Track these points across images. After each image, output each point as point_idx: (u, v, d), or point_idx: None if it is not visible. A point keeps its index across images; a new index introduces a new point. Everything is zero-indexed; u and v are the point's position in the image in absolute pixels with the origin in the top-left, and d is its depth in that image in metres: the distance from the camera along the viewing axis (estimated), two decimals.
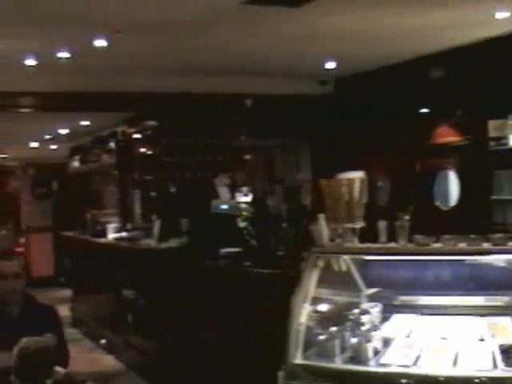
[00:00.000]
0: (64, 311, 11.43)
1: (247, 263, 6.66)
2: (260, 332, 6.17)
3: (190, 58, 8.21)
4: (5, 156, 17.01)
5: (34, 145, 14.85)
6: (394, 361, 4.41)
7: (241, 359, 6.58)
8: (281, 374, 4.80)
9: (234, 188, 9.14)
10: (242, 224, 7.52)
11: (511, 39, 7.91)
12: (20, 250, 17.01)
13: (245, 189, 9.05)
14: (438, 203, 9.35)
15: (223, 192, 8.97)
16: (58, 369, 4.15)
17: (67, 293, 13.70)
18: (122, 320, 9.61)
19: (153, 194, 9.94)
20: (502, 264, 5.01)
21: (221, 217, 8.53)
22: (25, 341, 4.05)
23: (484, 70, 8.48)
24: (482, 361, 4.18)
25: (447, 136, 9.28)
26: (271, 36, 7.33)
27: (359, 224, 5.18)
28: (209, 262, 7.11)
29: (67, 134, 12.92)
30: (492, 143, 8.67)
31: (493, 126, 8.65)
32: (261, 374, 5.99)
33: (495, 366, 4.11)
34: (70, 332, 10.83)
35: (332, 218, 5.27)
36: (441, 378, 4.13)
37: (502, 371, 4.03)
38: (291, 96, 9.67)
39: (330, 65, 8.71)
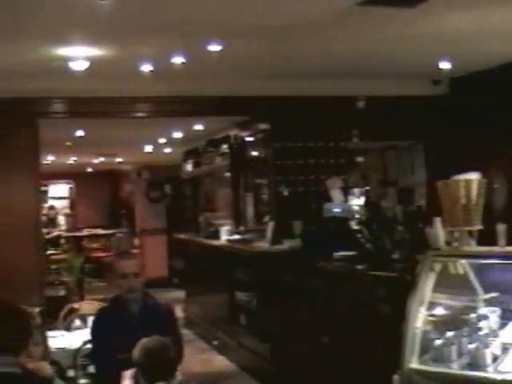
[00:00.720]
0: (177, 312, 11.62)
1: (361, 266, 6.62)
2: (375, 335, 6.12)
3: (303, 60, 8.22)
4: (120, 160, 17.42)
5: (149, 149, 15.16)
6: None
7: (355, 362, 6.55)
8: (396, 378, 4.77)
9: (346, 190, 9.09)
10: (355, 226, 7.47)
11: None
12: (134, 251, 17.35)
13: (358, 191, 8.98)
14: None
15: (336, 194, 8.92)
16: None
17: (180, 294, 13.93)
18: (235, 321, 9.70)
19: (265, 196, 10.00)
20: None
21: (334, 219, 8.50)
22: (149, 340, 4.12)
23: None
24: None
25: None
26: (385, 37, 7.25)
27: (477, 227, 5.08)
28: (322, 264, 7.10)
29: (181, 137, 13.14)
30: None
31: None
32: (375, 378, 5.96)
33: None
34: (183, 333, 10.98)
35: (448, 221, 5.19)
36: None
37: None
38: (404, 97, 9.57)
39: (445, 64, 8.55)
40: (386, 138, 9.98)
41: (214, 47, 7.10)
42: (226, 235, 10.53)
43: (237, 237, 10.22)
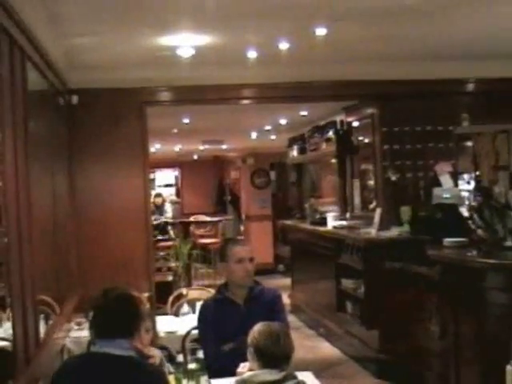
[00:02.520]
0: (283, 299, 11.65)
1: (473, 253, 6.45)
2: (487, 325, 5.97)
3: (409, 43, 8.06)
4: (225, 147, 17.57)
5: (254, 136, 15.22)
6: None
7: (465, 353, 6.41)
8: (509, 369, 4.65)
9: (456, 175, 8.90)
10: (466, 213, 7.31)
11: None
12: (240, 238, 17.50)
13: (467, 176, 8.79)
14: None
15: (445, 180, 8.74)
16: None
17: (286, 281, 13.97)
18: (342, 309, 9.65)
19: (372, 182, 9.88)
20: None
21: (443, 205, 8.33)
22: (269, 324, 4.11)
23: None
24: None
25: None
26: (495, 17, 7.04)
27: None
28: (432, 251, 6.96)
29: (286, 124, 13.14)
30: None
31: None
32: (489, 369, 5.81)
33: None
34: (290, 319, 11.01)
35: None
36: None
37: None
38: None
39: None
40: (496, 121, 9.71)
41: (320, 31, 7.03)
42: (332, 221, 10.47)
43: (343, 223, 10.14)
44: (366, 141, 10.03)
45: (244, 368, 4.24)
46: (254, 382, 3.82)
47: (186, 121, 11.93)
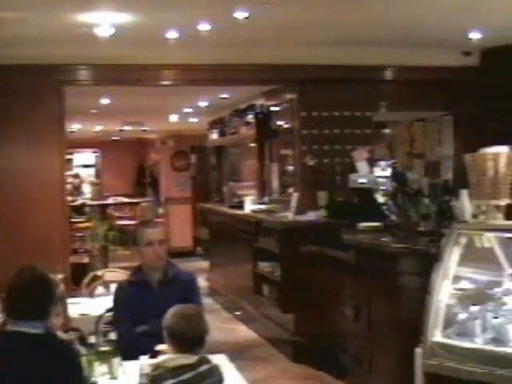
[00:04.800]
0: (201, 282, 11.65)
1: (386, 238, 6.57)
2: (399, 308, 6.09)
3: (330, 29, 8.12)
4: (145, 129, 17.43)
5: (174, 118, 15.13)
6: None
7: (379, 334, 6.53)
8: (418, 351, 4.74)
9: (372, 162, 9.02)
10: (381, 199, 7.42)
11: None
12: (159, 220, 17.40)
13: (384, 163, 8.91)
14: None
15: (362, 166, 8.86)
16: None
17: (204, 264, 13.97)
18: (258, 292, 9.70)
19: (290, 166, 9.94)
20: None
21: (359, 191, 8.45)
22: (184, 306, 4.09)
23: None
24: None
25: None
26: (416, 4, 7.14)
27: (504, 201, 5.02)
28: (347, 236, 7.06)
29: (206, 106, 13.10)
30: None
31: None
32: (399, 350, 5.94)
33: None
34: (207, 302, 11.03)
35: (475, 194, 5.13)
36: None
37: None
38: (433, 68, 9.42)
39: (475, 35, 8.42)
40: (413, 109, 9.87)
41: (241, 14, 7.02)
42: (250, 205, 10.51)
43: (261, 207, 10.19)
44: (286, 125, 10.08)
45: (162, 347, 4.22)
46: (168, 366, 3.80)
47: (106, 101, 11.78)
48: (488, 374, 4.39)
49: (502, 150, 5.06)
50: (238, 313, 10.73)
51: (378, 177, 8.43)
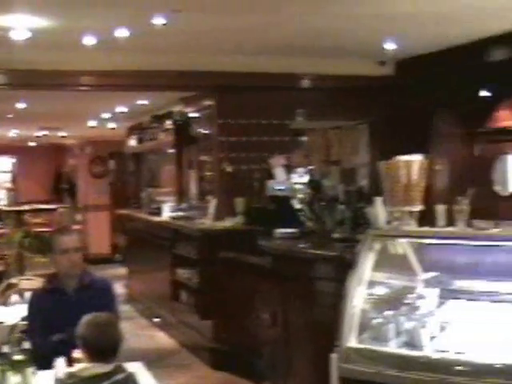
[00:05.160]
0: (119, 288, 11.57)
1: (303, 244, 6.64)
2: (315, 313, 6.15)
3: (248, 37, 8.17)
4: (63, 135, 17.20)
5: (93, 123, 14.97)
6: (449, 347, 4.37)
7: (295, 340, 6.58)
8: (334, 356, 4.79)
9: (290, 169, 9.11)
10: (297, 205, 7.50)
11: None
12: (77, 227, 17.18)
13: (301, 170, 9.02)
14: (496, 188, 9.19)
15: (279, 173, 8.95)
16: None
17: (123, 270, 13.86)
18: (176, 299, 9.68)
19: (209, 173, 9.96)
20: None
21: (276, 197, 8.52)
22: (97, 315, 4.05)
23: None
24: None
25: (508, 120, 9.10)
26: (332, 14, 7.24)
27: (417, 207, 5.13)
28: (264, 242, 7.11)
29: (125, 112, 13.01)
30: None
31: None
32: (315, 356, 6.00)
33: None
34: (125, 309, 10.97)
35: (389, 201, 5.23)
36: (496, 366, 4.08)
37: None
38: (350, 77, 9.56)
39: (390, 45, 8.59)
40: (330, 117, 10.00)
41: (158, 20, 7.01)
42: (168, 212, 10.48)
43: (179, 213, 10.18)
44: (204, 132, 10.09)
45: (78, 354, 4.18)
46: (83, 375, 3.77)
47: (23, 106, 11.59)
48: (402, 377, 4.46)
49: (415, 157, 5.17)
50: (156, 320, 10.68)
51: (295, 183, 8.53)
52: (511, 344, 4.26)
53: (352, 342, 4.72)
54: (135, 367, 4.26)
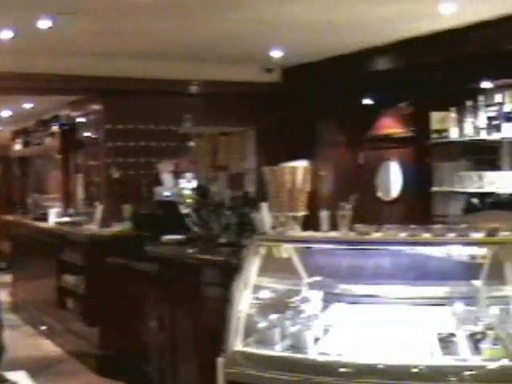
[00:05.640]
0: (3, 296, 11.31)
1: (190, 250, 6.65)
2: (202, 319, 6.17)
3: (137, 42, 8.14)
4: None
5: None
6: (333, 349, 4.45)
7: (183, 346, 6.59)
8: (220, 361, 4.81)
9: (177, 174, 9.12)
10: (184, 210, 7.51)
11: (454, 33, 8.00)
12: None
13: (189, 175, 9.04)
14: (380, 194, 9.45)
15: (167, 178, 8.95)
16: None
17: (7, 278, 13.54)
18: (63, 306, 9.53)
19: (96, 178, 9.85)
20: (441, 254, 5.11)
21: (164, 203, 8.51)
22: None
23: (427, 63, 8.57)
24: (419, 349, 4.25)
25: (391, 127, 9.38)
26: (220, 21, 7.29)
27: (301, 212, 5.23)
28: (150, 247, 7.09)
29: (10, 116, 12.73)
30: (434, 135, 8.78)
31: (435, 119, 8.77)
32: (202, 361, 6.02)
33: (433, 354, 4.17)
34: (9, 317, 10.72)
35: (275, 206, 5.31)
36: (379, 366, 4.18)
37: (439, 360, 4.10)
38: (238, 83, 9.65)
39: (276, 53, 8.72)
40: (218, 123, 10.06)
41: (44, 23, 6.90)
42: (54, 217, 10.31)
43: (66, 219, 10.03)
44: (92, 137, 9.98)
45: None
46: None
47: None
48: (287, 380, 4.51)
49: (300, 163, 5.27)
50: (42, 328, 10.47)
51: (183, 189, 8.54)
52: (392, 345, 4.38)
53: (238, 346, 4.75)
54: (18, 376, 4.18)
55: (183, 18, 7.17)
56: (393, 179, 9.28)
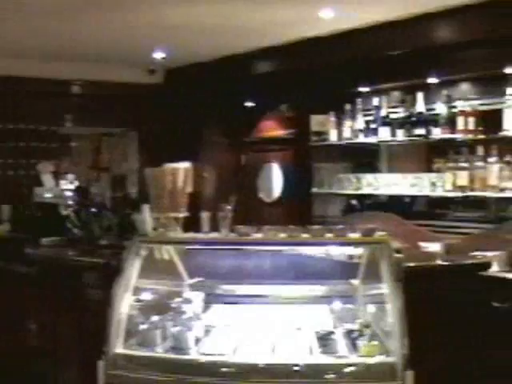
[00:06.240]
0: None
1: (70, 252, 6.57)
2: (83, 322, 6.11)
3: (17, 41, 7.98)
4: None
5: None
6: (214, 349, 4.49)
7: (63, 351, 6.50)
8: (101, 363, 4.78)
9: (58, 175, 8.99)
10: (64, 212, 7.41)
11: (334, 39, 8.17)
12: None
13: (70, 176, 8.93)
14: (261, 195, 9.56)
15: (47, 179, 8.80)
16: None
17: None
18: None
19: None
20: (320, 254, 5.24)
21: (44, 204, 8.36)
22: None
23: (308, 67, 8.72)
24: (299, 348, 4.34)
25: (272, 130, 9.51)
26: (102, 21, 7.23)
27: (182, 213, 5.25)
28: (30, 250, 6.96)
29: None
30: (314, 138, 8.97)
31: (315, 121, 8.95)
32: (83, 365, 5.95)
33: (311, 352, 4.27)
34: None
35: (156, 207, 5.31)
36: (260, 366, 4.25)
37: (317, 358, 4.20)
38: (120, 84, 9.60)
39: (159, 54, 8.71)
40: (100, 124, 9.98)
41: None
42: None
43: None
44: None
45: None
46: None
47: None
48: (168, 381, 4.53)
49: (181, 165, 5.29)
50: None
51: (64, 190, 8.42)
52: (273, 344, 4.46)
53: (119, 348, 4.73)
54: None
55: (66, 17, 7.08)
56: (274, 181, 9.41)
